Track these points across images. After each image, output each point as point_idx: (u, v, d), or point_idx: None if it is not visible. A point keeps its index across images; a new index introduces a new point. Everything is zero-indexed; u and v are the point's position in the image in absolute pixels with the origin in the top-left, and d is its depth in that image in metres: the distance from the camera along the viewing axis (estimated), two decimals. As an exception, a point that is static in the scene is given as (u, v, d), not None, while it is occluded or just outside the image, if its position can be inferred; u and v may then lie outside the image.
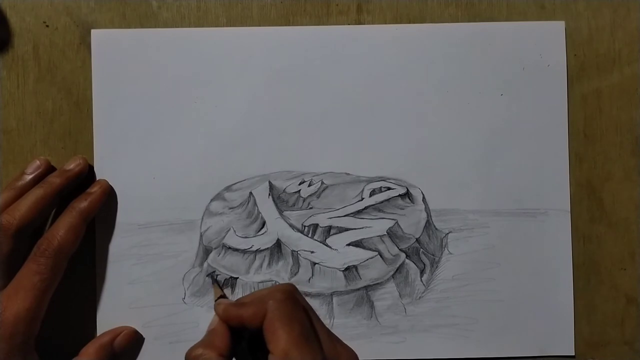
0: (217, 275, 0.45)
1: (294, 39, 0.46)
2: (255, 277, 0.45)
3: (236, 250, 0.45)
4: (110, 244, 0.45)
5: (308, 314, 0.37)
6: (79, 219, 0.42)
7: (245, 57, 0.45)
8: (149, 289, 0.45)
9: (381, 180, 0.46)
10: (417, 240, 0.46)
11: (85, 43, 0.45)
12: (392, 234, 0.45)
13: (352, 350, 0.38)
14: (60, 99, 0.45)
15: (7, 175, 0.45)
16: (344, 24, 0.46)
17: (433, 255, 0.46)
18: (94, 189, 0.44)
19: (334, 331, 0.44)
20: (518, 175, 0.46)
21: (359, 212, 0.46)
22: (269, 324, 0.35)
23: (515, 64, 0.46)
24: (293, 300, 0.37)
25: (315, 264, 0.45)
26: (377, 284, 0.45)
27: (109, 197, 0.45)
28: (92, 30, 0.45)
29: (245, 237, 0.45)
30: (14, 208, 0.41)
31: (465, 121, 0.46)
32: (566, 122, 0.46)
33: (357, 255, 0.45)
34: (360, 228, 0.45)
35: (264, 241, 0.45)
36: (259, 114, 0.45)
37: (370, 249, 0.45)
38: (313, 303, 0.45)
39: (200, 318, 0.45)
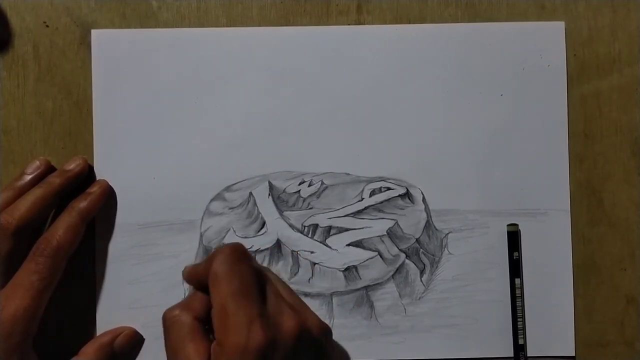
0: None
1: (294, 39, 0.46)
2: (255, 277, 0.45)
3: (236, 250, 0.45)
4: (110, 244, 0.45)
5: (254, 270, 0.37)
6: (78, 218, 0.42)
7: (245, 57, 0.45)
8: (149, 289, 0.45)
9: (381, 181, 0.46)
10: (417, 240, 0.46)
11: (85, 43, 0.45)
12: (392, 234, 0.45)
13: (303, 315, 0.38)
14: (60, 99, 0.45)
15: (7, 175, 0.45)
16: (344, 24, 0.46)
17: (433, 255, 0.46)
18: (94, 189, 0.43)
19: (333, 332, 0.43)
20: (518, 175, 0.46)
21: (359, 212, 0.46)
22: (211, 278, 0.36)
23: (515, 64, 0.46)
24: (238, 254, 0.37)
25: (315, 264, 0.45)
26: (377, 284, 0.45)
27: (109, 197, 0.45)
28: (92, 30, 0.45)
29: (245, 237, 0.45)
30: (13, 208, 0.41)
31: (465, 121, 0.46)
32: (566, 123, 0.46)
33: (357, 255, 0.45)
34: (360, 228, 0.45)
35: (264, 241, 0.45)
36: (259, 114, 0.45)
37: (370, 249, 0.45)
38: (313, 303, 0.44)
39: (200, 318, 0.45)
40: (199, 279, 0.38)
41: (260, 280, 0.38)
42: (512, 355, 0.45)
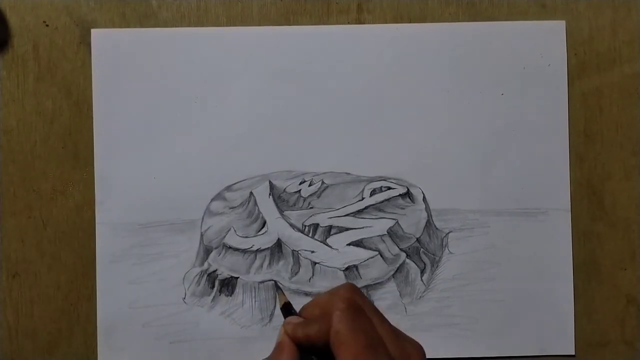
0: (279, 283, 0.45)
1: (294, 39, 0.46)
2: (256, 277, 0.45)
3: (237, 249, 0.45)
4: (110, 244, 0.45)
5: (371, 318, 0.37)
6: None
7: (245, 57, 0.45)
8: (149, 289, 0.45)
9: (381, 180, 0.46)
10: (418, 239, 0.46)
11: (85, 43, 0.45)
12: (393, 234, 0.45)
13: (418, 345, 0.37)
14: (60, 99, 0.45)
15: (7, 175, 0.45)
16: (345, 24, 0.46)
17: (433, 254, 0.46)
18: None
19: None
20: (518, 174, 0.46)
21: (359, 211, 0.46)
22: (334, 338, 0.34)
23: (515, 63, 0.46)
24: (355, 307, 0.36)
25: (315, 263, 0.45)
26: (378, 283, 0.45)
27: (109, 197, 0.45)
28: (92, 30, 0.45)
29: (246, 237, 0.45)
30: None
31: (465, 121, 0.46)
32: (567, 122, 0.46)
33: (358, 255, 0.45)
34: (360, 228, 0.45)
35: (264, 241, 0.45)
36: (259, 114, 0.45)
37: (370, 249, 0.45)
38: (313, 303, 0.45)
39: (201, 318, 0.45)
40: (310, 340, 0.36)
41: (374, 325, 0.36)
42: (513, 354, 0.45)
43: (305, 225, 0.45)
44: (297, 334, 0.36)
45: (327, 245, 0.45)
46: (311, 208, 0.46)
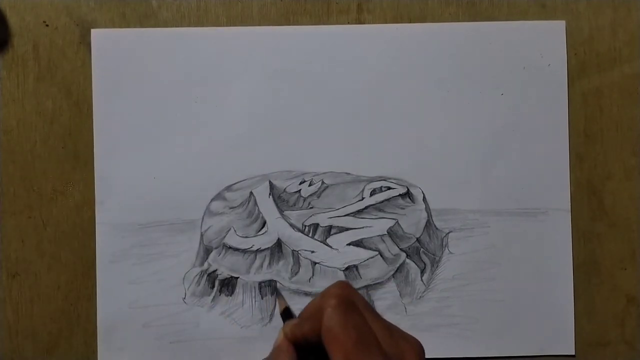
0: (280, 287, 0.45)
1: (294, 39, 0.46)
2: (256, 277, 0.45)
3: (237, 249, 0.45)
4: (110, 244, 0.45)
5: (364, 314, 0.37)
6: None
7: (245, 57, 0.45)
8: (149, 289, 0.45)
9: (382, 180, 0.46)
10: (418, 239, 0.46)
11: (85, 43, 0.45)
12: (393, 234, 0.45)
13: (415, 341, 0.37)
14: (60, 99, 0.45)
15: (7, 175, 0.45)
16: (345, 23, 0.46)
17: (433, 254, 0.46)
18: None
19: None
20: (518, 174, 0.46)
21: (359, 211, 0.46)
22: (326, 335, 0.34)
23: (515, 63, 0.46)
24: (346, 304, 0.35)
25: (315, 263, 0.45)
26: (378, 283, 0.45)
27: (109, 197, 0.45)
28: (92, 30, 0.45)
29: (246, 237, 0.45)
30: None
31: (465, 121, 0.46)
32: (567, 122, 0.46)
33: (358, 254, 0.45)
34: (360, 228, 0.45)
35: (264, 241, 0.45)
36: (259, 114, 0.45)
37: (370, 249, 0.45)
38: (313, 303, 0.45)
39: (201, 318, 0.45)
40: (306, 339, 0.36)
41: (366, 321, 0.37)
42: (513, 354, 0.45)
43: (305, 225, 0.45)
44: (294, 334, 0.36)
45: (327, 245, 0.45)
46: (311, 208, 0.46)
